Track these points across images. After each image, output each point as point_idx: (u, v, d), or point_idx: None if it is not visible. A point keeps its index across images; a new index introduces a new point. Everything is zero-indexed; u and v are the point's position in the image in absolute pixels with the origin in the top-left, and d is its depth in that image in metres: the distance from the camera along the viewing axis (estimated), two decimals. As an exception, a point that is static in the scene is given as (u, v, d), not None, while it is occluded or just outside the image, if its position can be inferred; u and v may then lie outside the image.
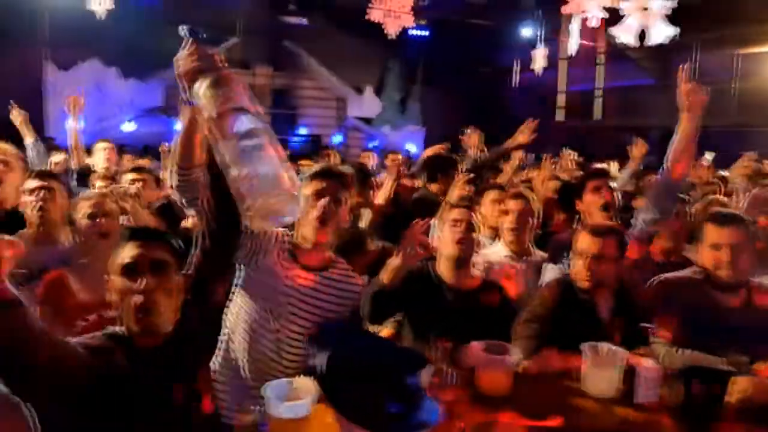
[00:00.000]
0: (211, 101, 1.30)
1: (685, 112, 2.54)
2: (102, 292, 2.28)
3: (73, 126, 4.80)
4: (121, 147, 8.15)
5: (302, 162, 5.56)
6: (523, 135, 4.54)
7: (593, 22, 4.53)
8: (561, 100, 12.33)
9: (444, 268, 2.43)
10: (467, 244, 2.38)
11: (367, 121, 15.39)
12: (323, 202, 1.99)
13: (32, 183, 2.74)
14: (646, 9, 4.57)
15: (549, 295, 2.34)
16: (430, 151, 6.40)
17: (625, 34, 4.54)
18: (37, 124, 11.21)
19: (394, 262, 2.14)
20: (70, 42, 11.02)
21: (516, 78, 10.94)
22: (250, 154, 1.20)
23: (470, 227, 2.41)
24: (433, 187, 4.38)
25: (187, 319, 1.58)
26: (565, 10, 4.62)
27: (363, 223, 4.17)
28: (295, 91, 14.51)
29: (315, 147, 14.89)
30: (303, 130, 14.75)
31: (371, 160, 6.77)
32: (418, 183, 5.13)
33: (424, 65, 15.73)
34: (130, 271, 1.49)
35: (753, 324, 2.21)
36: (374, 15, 5.39)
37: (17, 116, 5.05)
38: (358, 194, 3.91)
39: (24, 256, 2.62)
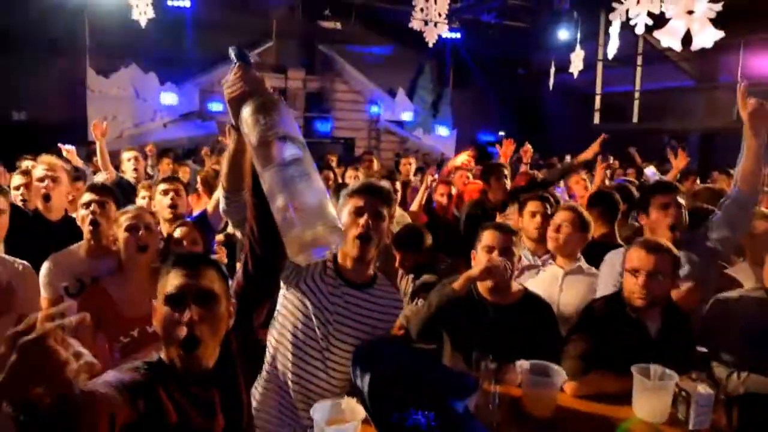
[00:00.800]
0: (256, 127, 1.25)
1: (748, 130, 2.44)
2: (143, 307, 2.32)
3: (100, 148, 4.94)
4: (165, 150, 8.25)
5: (348, 173, 5.55)
6: (593, 149, 4.56)
7: (639, 29, 4.41)
8: (598, 102, 12.08)
9: (483, 287, 2.38)
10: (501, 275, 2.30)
11: (399, 123, 15.38)
12: (363, 219, 1.95)
13: (86, 197, 2.80)
14: (691, 12, 4.44)
15: (597, 314, 2.27)
16: (457, 162, 6.37)
17: (669, 38, 4.40)
18: (81, 130, 11.61)
19: (472, 272, 2.24)
20: (110, 49, 11.32)
21: (551, 80, 10.72)
22: (294, 184, 1.16)
23: (506, 252, 2.32)
24: (491, 195, 4.53)
25: (229, 347, 1.54)
26: (612, 16, 4.51)
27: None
28: (329, 94, 14.57)
29: (348, 150, 14.97)
30: (336, 133, 14.81)
31: (412, 166, 6.75)
32: (454, 189, 5.11)
33: (456, 67, 15.64)
34: (175, 301, 1.42)
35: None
36: (416, 23, 5.39)
37: (66, 153, 5.27)
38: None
39: (75, 269, 2.72)
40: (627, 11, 4.44)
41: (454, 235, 4.62)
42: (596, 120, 11.65)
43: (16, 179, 3.77)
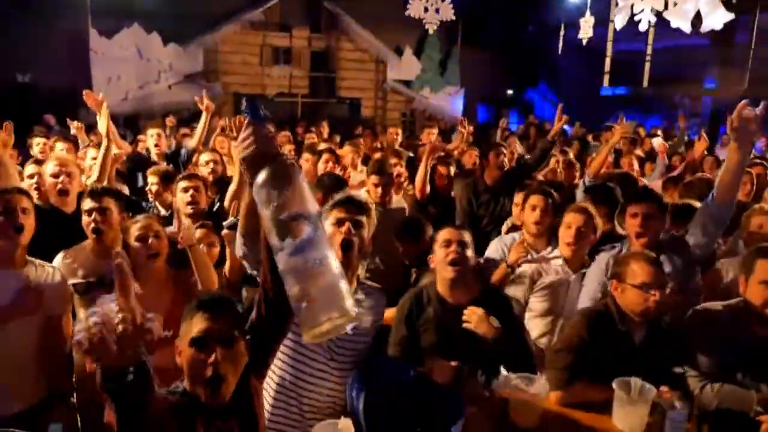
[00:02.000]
0: (268, 205, 1.21)
1: (734, 143, 2.45)
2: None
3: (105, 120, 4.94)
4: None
5: (343, 152, 5.53)
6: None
7: (643, 26, 4.30)
8: (608, 65, 11.82)
9: (441, 287, 2.49)
10: (461, 264, 2.42)
11: (407, 83, 15.15)
12: (345, 227, 2.11)
13: (87, 203, 2.86)
14: (703, -7, 4.34)
15: (584, 325, 2.35)
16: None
17: (679, 20, 4.31)
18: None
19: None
20: (112, 9, 11.14)
21: (560, 42, 10.47)
22: (307, 271, 1.15)
23: (462, 245, 2.45)
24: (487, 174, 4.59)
25: (247, 380, 1.65)
26: (617, 10, 4.41)
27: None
28: (335, 53, 14.31)
29: (354, 110, 14.81)
30: (342, 93, 14.64)
31: (399, 137, 6.74)
32: (453, 170, 5.07)
33: (464, 24, 15.26)
34: (200, 343, 1.56)
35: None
36: (413, 10, 5.20)
37: (77, 127, 5.40)
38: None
39: (83, 267, 2.84)
40: (632, 6, 4.34)
41: (454, 211, 4.66)
42: (605, 83, 11.44)
43: (30, 168, 3.86)
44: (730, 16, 4.24)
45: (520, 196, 3.63)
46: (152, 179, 4.14)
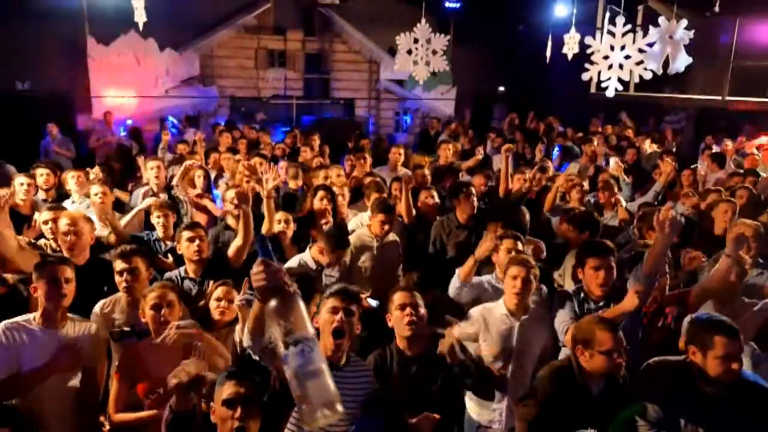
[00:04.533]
0: (277, 328, 1.59)
1: (658, 237, 2.85)
2: (167, 370, 2.77)
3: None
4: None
5: (336, 176, 5.78)
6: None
7: (610, 92, 4.61)
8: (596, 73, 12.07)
9: (401, 343, 2.86)
10: (416, 325, 2.80)
11: (400, 82, 15.33)
12: (339, 316, 2.47)
13: (118, 265, 3.22)
14: (671, 37, 4.66)
15: (548, 380, 2.70)
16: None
17: (650, 62, 4.64)
18: (84, 99, 11.69)
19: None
20: (108, 16, 11.25)
21: (548, 50, 10.72)
22: (306, 381, 1.53)
23: (415, 307, 2.82)
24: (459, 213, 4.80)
25: None
26: (584, 76, 4.71)
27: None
28: (328, 55, 14.48)
29: (347, 111, 15.03)
30: (335, 94, 14.84)
31: (402, 156, 6.99)
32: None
33: (456, 23, 15.44)
34: (229, 404, 2.08)
35: (734, 416, 2.47)
36: (401, 65, 5.41)
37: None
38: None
39: (119, 318, 3.20)
40: (599, 73, 4.65)
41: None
42: (592, 89, 11.71)
43: (45, 215, 4.17)
44: (689, 60, 4.60)
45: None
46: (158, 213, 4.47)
